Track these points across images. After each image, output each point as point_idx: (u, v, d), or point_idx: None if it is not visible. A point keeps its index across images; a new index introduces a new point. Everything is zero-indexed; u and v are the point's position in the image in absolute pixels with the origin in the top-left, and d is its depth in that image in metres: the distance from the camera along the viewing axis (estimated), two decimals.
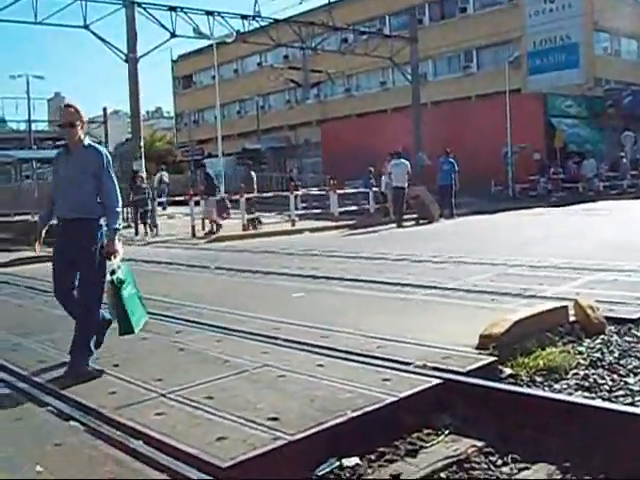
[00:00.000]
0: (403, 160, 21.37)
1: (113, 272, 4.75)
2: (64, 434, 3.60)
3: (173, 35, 25.98)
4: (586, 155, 34.50)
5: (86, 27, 24.32)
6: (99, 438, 3.50)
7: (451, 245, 13.44)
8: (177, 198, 22.94)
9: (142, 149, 24.92)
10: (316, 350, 5.05)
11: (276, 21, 31.67)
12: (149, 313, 6.85)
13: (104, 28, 24.32)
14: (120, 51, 24.11)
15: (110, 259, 4.83)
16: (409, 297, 7.42)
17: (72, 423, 3.75)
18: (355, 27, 36.76)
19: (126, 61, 23.98)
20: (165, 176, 27.60)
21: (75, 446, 3.41)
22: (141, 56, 24.38)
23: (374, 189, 24.06)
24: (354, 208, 24.15)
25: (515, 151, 34.23)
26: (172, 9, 25.89)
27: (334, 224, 21.18)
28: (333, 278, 9.18)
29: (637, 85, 42.07)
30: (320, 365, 4.62)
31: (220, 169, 28.86)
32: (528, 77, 41.65)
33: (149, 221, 20.27)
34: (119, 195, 5.03)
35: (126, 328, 4.82)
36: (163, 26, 25.55)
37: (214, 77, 37.35)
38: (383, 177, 23.39)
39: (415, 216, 21.23)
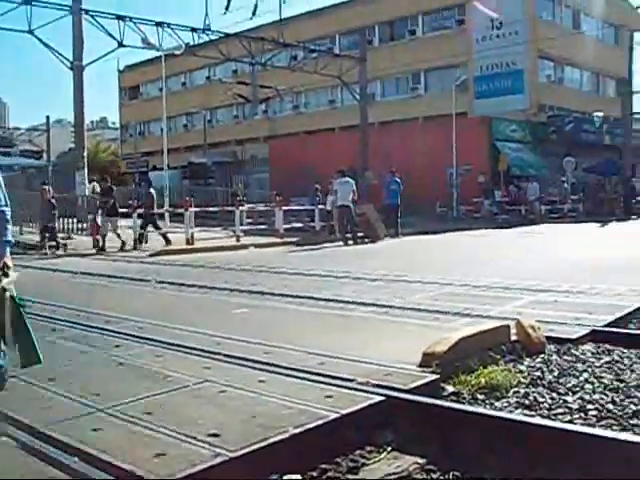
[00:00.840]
0: (348, 179, 21.50)
1: (4, 290, 4.02)
2: None
3: (120, 45, 25.75)
4: (529, 179, 35.28)
5: (31, 32, 23.93)
6: (32, 454, 3.38)
7: (395, 264, 13.52)
8: (121, 210, 22.61)
9: (85, 159, 24.55)
10: (258, 366, 4.98)
11: (226, 35, 31.68)
12: (87, 326, 6.75)
13: (50, 34, 23.96)
14: (66, 58, 23.78)
15: (7, 276, 4.10)
16: (352, 314, 7.41)
17: (3, 439, 3.61)
18: (305, 45, 36.99)
19: (71, 69, 23.64)
20: (97, 187, 26.95)
21: (6, 462, 3.28)
22: (87, 64, 24.10)
23: (320, 207, 24.14)
24: (300, 225, 24.17)
25: (460, 173, 34.80)
26: (120, 18, 25.66)
27: (279, 240, 21.17)
28: (276, 294, 9.12)
29: (579, 112, 43.21)
30: (262, 381, 4.56)
31: (165, 182, 28.60)
32: (474, 101, 42.53)
33: (51, 235, 19.37)
34: (8, 202, 4.33)
35: (32, 356, 4.02)
36: (110, 35, 25.31)
37: (161, 89, 37.04)
38: (329, 195, 23.48)
39: (360, 234, 21.34)
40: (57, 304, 8.09)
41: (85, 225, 22.34)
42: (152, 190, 20.80)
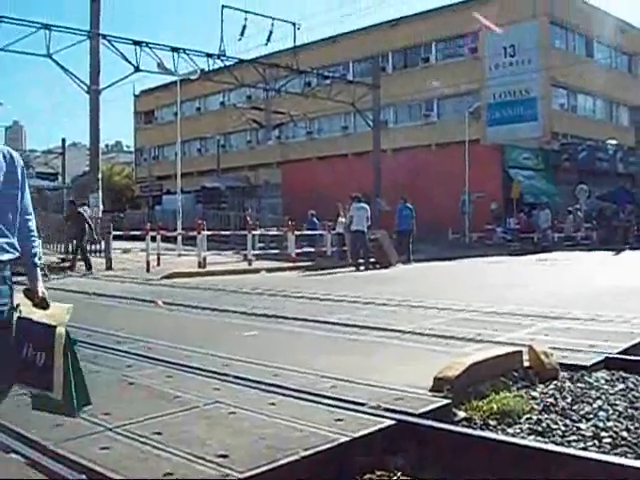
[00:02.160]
0: (364, 204, 21.51)
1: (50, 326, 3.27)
2: (5, 467, 3.46)
3: (137, 69, 26.00)
4: (541, 206, 35.14)
5: (49, 56, 24.20)
6: (41, 472, 3.37)
7: (407, 289, 13.47)
8: (133, 232, 22.80)
9: (99, 182, 24.71)
10: (268, 388, 4.96)
11: (241, 61, 31.96)
12: (99, 346, 6.75)
13: (67, 59, 24.20)
14: (83, 82, 24.02)
15: (45, 308, 3.30)
16: (363, 338, 7.38)
17: (13, 455, 3.61)
18: (319, 71, 37.22)
19: (88, 93, 23.88)
20: (88, 211, 26.65)
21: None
22: (103, 88, 24.35)
23: (332, 232, 24.15)
24: (312, 250, 24.16)
25: (473, 200, 34.75)
26: (137, 43, 25.94)
27: (291, 265, 21.16)
28: (287, 317, 9.11)
29: (592, 140, 43.15)
30: (272, 403, 4.53)
31: (178, 205, 28.75)
32: (487, 128, 42.55)
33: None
34: (31, 210, 3.39)
35: (84, 399, 3.32)
36: (127, 60, 25.56)
37: (176, 114, 37.36)
38: (340, 219, 23.47)
39: (373, 260, 21.30)
40: (69, 324, 8.08)
41: (98, 247, 22.35)
42: (82, 210, 20.43)
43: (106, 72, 24.52)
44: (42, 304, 3.28)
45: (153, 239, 20.91)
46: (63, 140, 54.87)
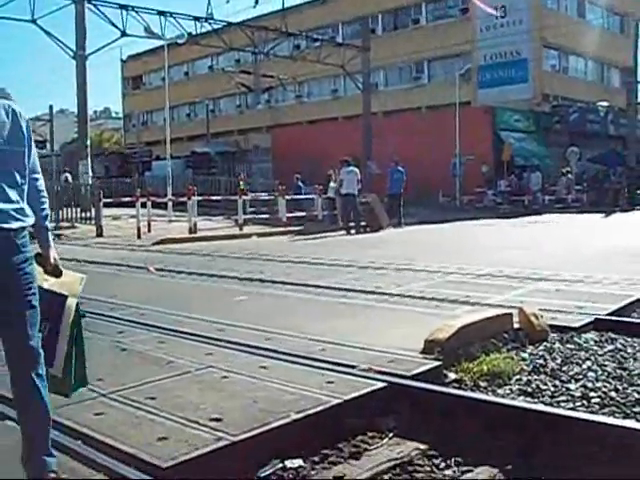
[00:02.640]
0: (353, 168, 21.42)
1: (60, 295, 3.14)
2: (1, 434, 3.48)
3: (123, 34, 25.69)
4: (532, 169, 35.12)
5: (34, 21, 23.88)
6: None
7: (397, 252, 13.51)
8: (124, 199, 22.66)
9: (88, 149, 24.53)
10: (260, 352, 5.00)
11: (229, 24, 31.60)
12: (91, 313, 6.75)
13: (53, 24, 23.90)
14: (69, 48, 23.73)
15: (57, 276, 3.12)
16: (353, 302, 7.42)
17: (8, 422, 3.63)
18: (308, 34, 36.84)
19: (74, 58, 23.61)
20: (69, 178, 26.25)
21: (10, 446, 3.29)
22: (90, 54, 24.06)
23: (323, 196, 24.09)
24: (303, 214, 24.13)
25: (463, 163, 34.68)
26: (123, 7, 25.60)
27: (282, 229, 21.14)
28: (278, 282, 9.14)
29: (583, 102, 42.98)
30: (264, 367, 4.57)
31: (168, 171, 28.58)
32: (478, 90, 42.32)
33: None
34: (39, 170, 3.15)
35: (81, 380, 3.28)
36: (113, 24, 25.25)
37: (164, 79, 36.93)
38: (331, 184, 23.42)
39: (363, 224, 21.30)
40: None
41: (89, 214, 22.24)
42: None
43: (92, 37, 24.26)
44: (55, 272, 3.09)
45: (143, 205, 20.81)
46: (50, 107, 54.48)
